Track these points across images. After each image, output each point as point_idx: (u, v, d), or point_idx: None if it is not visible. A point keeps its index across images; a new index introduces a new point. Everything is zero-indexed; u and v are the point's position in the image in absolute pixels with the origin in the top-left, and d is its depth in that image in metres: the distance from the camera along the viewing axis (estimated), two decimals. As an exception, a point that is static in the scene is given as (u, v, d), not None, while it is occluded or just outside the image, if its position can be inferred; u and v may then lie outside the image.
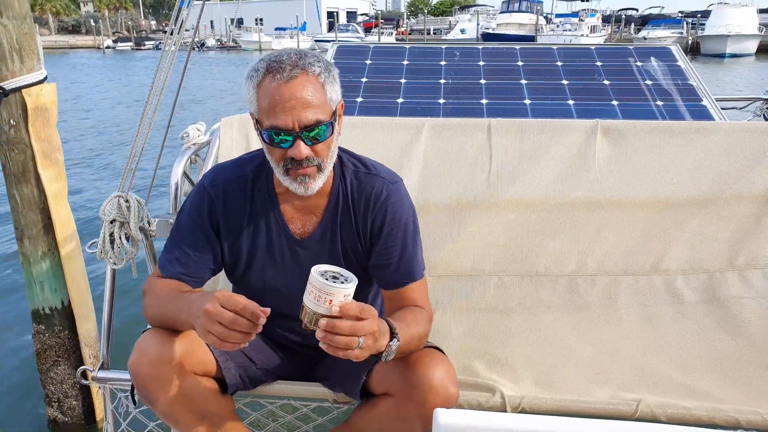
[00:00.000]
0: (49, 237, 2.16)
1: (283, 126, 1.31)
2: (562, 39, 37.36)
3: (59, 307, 2.27)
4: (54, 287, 2.23)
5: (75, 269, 2.26)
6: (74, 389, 2.36)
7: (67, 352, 2.32)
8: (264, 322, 1.21)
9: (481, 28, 44.27)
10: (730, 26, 34.90)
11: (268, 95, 1.32)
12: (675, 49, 3.13)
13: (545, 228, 2.14)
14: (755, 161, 2.17)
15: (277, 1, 64.83)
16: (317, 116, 1.32)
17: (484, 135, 2.25)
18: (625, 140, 2.22)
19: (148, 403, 1.48)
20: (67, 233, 2.19)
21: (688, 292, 2.06)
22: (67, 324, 2.29)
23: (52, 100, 2.09)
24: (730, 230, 2.13)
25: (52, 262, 2.20)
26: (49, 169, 2.11)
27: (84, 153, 8.69)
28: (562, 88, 2.90)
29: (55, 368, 2.33)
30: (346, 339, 1.16)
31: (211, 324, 1.20)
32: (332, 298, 1.16)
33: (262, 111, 1.34)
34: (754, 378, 1.78)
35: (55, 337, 2.30)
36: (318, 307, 1.17)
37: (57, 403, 2.39)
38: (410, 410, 1.40)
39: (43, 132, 2.07)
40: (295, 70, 1.31)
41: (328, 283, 1.15)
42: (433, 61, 3.14)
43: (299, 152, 1.33)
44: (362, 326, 1.17)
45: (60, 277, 2.22)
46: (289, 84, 1.30)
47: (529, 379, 1.79)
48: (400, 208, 1.52)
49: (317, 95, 1.33)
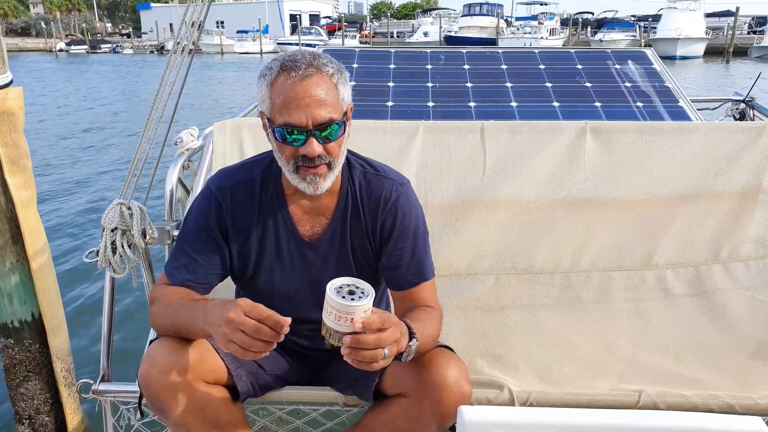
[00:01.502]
0: (18, 247, 2.06)
1: (297, 123, 1.32)
2: (522, 42, 38.06)
3: (29, 320, 2.16)
4: (23, 299, 2.13)
5: (46, 280, 2.15)
6: (46, 405, 2.27)
7: (38, 366, 2.22)
8: (287, 331, 1.20)
9: (444, 31, 44.74)
10: (680, 30, 36.12)
11: (282, 92, 1.32)
12: (650, 53, 3.25)
13: (540, 226, 2.20)
14: (733, 159, 2.28)
15: (238, 4, 64.23)
16: (330, 114, 1.33)
17: (478, 137, 2.30)
18: (613, 140, 2.30)
19: (159, 414, 1.46)
20: (37, 243, 2.10)
21: (677, 286, 2.14)
22: (37, 337, 2.18)
23: (19, 105, 2.00)
24: (714, 225, 2.23)
25: (22, 274, 2.09)
26: (17, 176, 2.01)
27: (47, 161, 8.44)
28: (547, 91, 2.98)
29: (26, 384, 2.23)
30: (373, 353, 1.16)
31: (233, 333, 1.19)
32: (353, 316, 1.15)
33: (275, 109, 1.34)
34: (743, 366, 1.85)
35: (25, 351, 2.19)
36: (340, 327, 1.16)
37: (28, 420, 2.29)
38: (425, 409, 1.41)
39: (10, 137, 1.98)
40: (310, 69, 1.33)
41: (346, 302, 1.14)
42: (420, 64, 3.18)
43: (312, 150, 1.33)
44: (386, 337, 1.18)
45: (30, 289, 2.12)
46: (304, 82, 1.31)
47: (532, 375, 1.83)
48: (410, 209, 1.54)
49: (331, 94, 1.34)
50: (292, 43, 45.53)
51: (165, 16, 66.43)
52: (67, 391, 2.24)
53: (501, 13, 45.16)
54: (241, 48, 50.68)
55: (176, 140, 2.09)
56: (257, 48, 49.48)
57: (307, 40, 44.36)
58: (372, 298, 1.17)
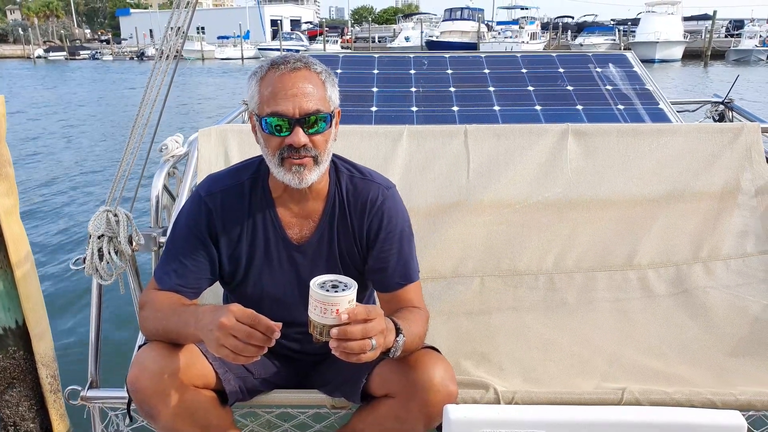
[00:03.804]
0: (1, 255, 2.05)
1: (284, 112, 1.35)
2: (503, 46, 38.33)
3: (13, 327, 2.16)
4: (7, 306, 2.12)
5: (29, 287, 2.15)
6: (31, 412, 2.26)
7: (22, 372, 2.21)
8: (278, 336, 1.22)
9: (425, 35, 44.98)
10: (659, 33, 36.65)
11: (270, 84, 1.36)
12: (630, 56, 3.31)
13: (523, 228, 2.23)
14: (713, 160, 2.33)
15: (219, 10, 63.97)
16: (317, 106, 1.37)
17: (462, 140, 2.33)
18: (594, 142, 2.34)
19: (148, 419, 1.46)
20: (20, 250, 2.09)
21: (659, 285, 2.17)
22: (22, 344, 2.18)
23: (0, 112, 2.00)
24: (694, 225, 2.27)
25: (5, 281, 2.09)
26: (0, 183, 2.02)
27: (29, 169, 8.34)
28: (529, 94, 3.02)
29: (10, 390, 2.22)
30: (360, 343, 1.19)
31: (225, 338, 1.21)
32: (338, 308, 1.17)
33: (263, 101, 1.37)
34: (724, 362, 1.89)
35: (10, 358, 2.19)
36: (326, 319, 1.18)
37: (13, 427, 2.28)
38: (412, 410, 1.43)
39: (-9, 145, 1.97)
40: (298, 64, 1.38)
41: (329, 294, 1.17)
42: (403, 70, 3.20)
43: (298, 139, 1.36)
44: (372, 327, 1.20)
45: (14, 296, 2.12)
46: (293, 74, 1.36)
47: (517, 375, 1.85)
48: (396, 212, 1.57)
49: (318, 89, 1.38)
50: (273, 49, 45.38)
51: (145, 22, 66.00)
52: (52, 397, 2.23)
53: (482, 17, 45.43)
54: (222, 54, 50.45)
55: (161, 147, 2.10)
56: (238, 54, 49.31)
57: (288, 46, 44.34)
58: (355, 289, 1.20)
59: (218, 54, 50.34)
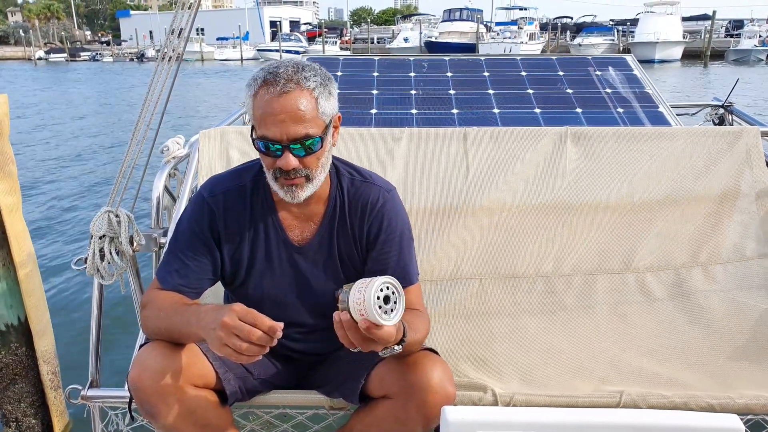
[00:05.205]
0: (4, 252, 2.08)
1: (273, 137, 1.35)
2: (502, 47, 38.34)
3: (15, 324, 2.18)
4: (10, 303, 2.14)
5: (32, 284, 2.17)
6: (32, 408, 2.28)
7: (24, 369, 2.23)
8: (280, 336, 1.24)
9: (424, 36, 44.99)
10: (658, 33, 36.68)
11: (261, 106, 1.36)
12: (630, 59, 3.32)
13: (522, 231, 2.23)
14: (712, 163, 2.33)
15: (218, 11, 64.01)
16: (306, 130, 1.36)
17: (461, 143, 2.33)
18: (593, 146, 2.34)
19: (149, 418, 1.47)
20: (23, 247, 2.11)
21: (657, 288, 2.17)
22: (24, 341, 2.20)
23: (4, 112, 2.01)
24: (693, 229, 2.27)
25: (8, 278, 2.11)
26: (3, 181, 2.02)
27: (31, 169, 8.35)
28: (528, 97, 3.03)
29: (13, 387, 2.24)
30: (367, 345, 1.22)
31: (228, 337, 1.22)
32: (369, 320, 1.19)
33: (256, 120, 1.38)
34: (722, 366, 1.89)
35: (12, 354, 2.21)
36: (354, 313, 1.20)
37: (15, 423, 2.30)
38: (410, 411, 1.44)
39: (-5, 144, 1.99)
40: (289, 85, 1.34)
41: (378, 315, 1.18)
42: (403, 72, 3.21)
43: (287, 163, 1.37)
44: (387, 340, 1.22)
45: (16, 293, 2.14)
46: (282, 98, 1.34)
47: (515, 378, 1.85)
48: (396, 215, 1.58)
49: (309, 110, 1.36)
50: (272, 50, 45.46)
51: (145, 24, 66.06)
52: (53, 394, 2.26)
53: (481, 18, 45.51)
54: (221, 55, 50.50)
55: (162, 148, 2.11)
56: (237, 55, 49.36)
57: (287, 47, 44.34)
58: (395, 322, 1.22)
59: (218, 55, 50.39)
